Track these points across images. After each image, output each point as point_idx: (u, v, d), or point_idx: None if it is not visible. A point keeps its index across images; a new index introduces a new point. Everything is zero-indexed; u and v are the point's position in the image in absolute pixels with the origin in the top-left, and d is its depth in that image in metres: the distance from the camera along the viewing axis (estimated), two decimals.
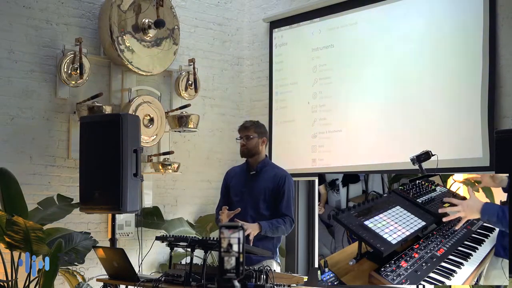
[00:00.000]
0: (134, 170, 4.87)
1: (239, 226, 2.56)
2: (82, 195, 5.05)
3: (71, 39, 5.74)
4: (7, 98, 5.48)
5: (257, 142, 4.60)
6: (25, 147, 5.56)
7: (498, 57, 5.20)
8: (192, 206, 6.60)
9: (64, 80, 5.65)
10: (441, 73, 5.51)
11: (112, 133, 4.88)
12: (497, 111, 5.17)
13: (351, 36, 6.17)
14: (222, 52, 6.96)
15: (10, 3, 5.52)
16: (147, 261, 5.75)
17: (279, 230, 4.41)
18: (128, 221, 5.99)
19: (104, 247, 4.44)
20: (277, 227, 4.39)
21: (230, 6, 7.04)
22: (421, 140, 5.45)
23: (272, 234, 4.40)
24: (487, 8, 5.23)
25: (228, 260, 2.58)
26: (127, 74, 6.10)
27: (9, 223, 4.76)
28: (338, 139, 6.20)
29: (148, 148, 6.13)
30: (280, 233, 4.46)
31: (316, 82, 6.44)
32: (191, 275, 3.73)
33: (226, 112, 6.93)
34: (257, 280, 3.57)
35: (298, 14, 6.63)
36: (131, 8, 5.97)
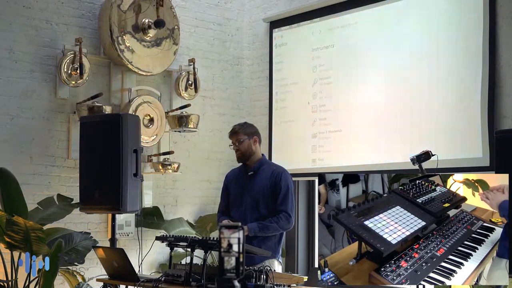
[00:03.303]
0: (134, 170, 4.86)
1: (239, 227, 2.57)
2: (82, 195, 5.04)
3: (71, 39, 5.74)
4: (7, 98, 5.48)
5: (249, 144, 4.61)
6: (25, 147, 5.56)
7: (498, 57, 5.20)
8: (192, 206, 6.60)
9: (64, 80, 5.65)
10: (441, 73, 5.51)
11: (112, 133, 4.88)
12: (497, 111, 5.17)
13: (351, 36, 6.17)
14: (222, 52, 6.96)
15: (10, 3, 5.52)
16: (147, 261, 5.75)
17: (270, 228, 4.40)
18: (128, 221, 5.99)
19: (104, 247, 4.44)
20: (267, 226, 4.39)
21: (230, 6, 7.04)
22: (421, 140, 5.45)
23: (264, 233, 4.40)
24: (487, 8, 5.23)
25: (228, 260, 2.58)
26: (127, 74, 6.10)
27: (9, 223, 4.76)
28: (338, 139, 6.20)
29: (148, 148, 6.13)
30: (272, 231, 4.43)
31: (316, 82, 6.44)
32: (191, 275, 3.73)
33: (226, 112, 6.92)
34: (257, 280, 3.57)
35: (298, 14, 6.63)
36: (131, 8, 5.97)
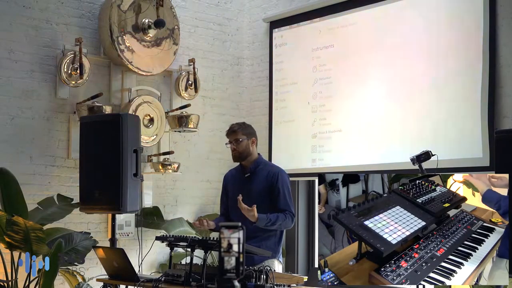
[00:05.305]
0: (134, 170, 4.86)
1: (239, 226, 2.57)
2: (82, 195, 5.04)
3: (71, 39, 5.74)
4: (7, 98, 5.48)
5: (247, 144, 4.58)
6: (25, 147, 5.56)
7: (498, 57, 5.20)
8: (192, 206, 6.60)
9: (64, 80, 5.65)
10: (441, 73, 5.51)
11: (112, 133, 4.88)
12: (497, 111, 5.17)
13: (351, 36, 6.17)
14: (222, 52, 6.96)
15: (10, 3, 5.52)
16: (147, 261, 5.75)
17: (277, 223, 4.37)
18: (128, 221, 5.99)
19: (104, 247, 4.44)
20: (274, 222, 4.36)
21: (230, 6, 7.04)
22: (421, 140, 5.45)
23: (270, 226, 4.37)
24: (487, 8, 5.23)
25: (228, 260, 2.58)
26: (127, 74, 6.10)
27: (9, 223, 4.76)
28: (338, 139, 6.19)
29: (148, 148, 6.13)
30: (279, 225, 4.41)
31: (316, 82, 6.44)
32: (191, 275, 3.73)
33: (226, 112, 6.92)
34: (257, 280, 3.57)
35: (298, 14, 6.63)
36: (131, 8, 5.97)
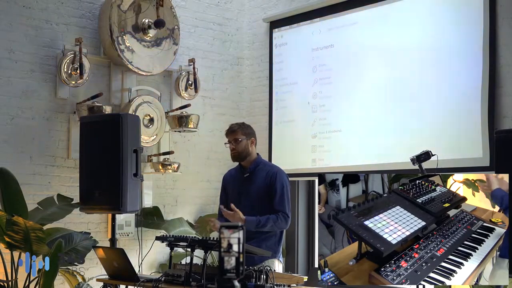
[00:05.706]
0: (134, 170, 4.86)
1: (239, 226, 2.57)
2: (82, 195, 5.04)
3: (71, 39, 5.74)
4: (7, 98, 5.48)
5: (246, 144, 4.59)
6: (25, 147, 5.56)
7: (498, 57, 5.19)
8: (192, 206, 6.60)
9: (64, 80, 5.65)
10: (441, 73, 5.51)
11: (112, 133, 4.88)
12: (497, 111, 5.17)
13: (351, 36, 6.17)
14: (222, 52, 6.96)
15: (10, 3, 5.52)
16: (147, 261, 5.75)
17: (268, 225, 4.40)
18: (128, 221, 5.98)
19: (104, 247, 4.44)
20: (265, 222, 4.39)
21: (230, 6, 7.04)
22: (421, 140, 5.45)
23: (260, 228, 4.39)
24: (487, 8, 5.23)
25: (228, 260, 2.58)
26: (127, 74, 6.09)
27: (9, 223, 4.76)
28: (338, 139, 6.20)
29: (148, 148, 6.13)
30: (270, 227, 4.42)
31: (316, 82, 6.44)
32: (191, 275, 3.73)
33: (226, 112, 6.92)
34: (257, 280, 3.57)
35: (298, 14, 6.63)
36: (131, 8, 5.97)
